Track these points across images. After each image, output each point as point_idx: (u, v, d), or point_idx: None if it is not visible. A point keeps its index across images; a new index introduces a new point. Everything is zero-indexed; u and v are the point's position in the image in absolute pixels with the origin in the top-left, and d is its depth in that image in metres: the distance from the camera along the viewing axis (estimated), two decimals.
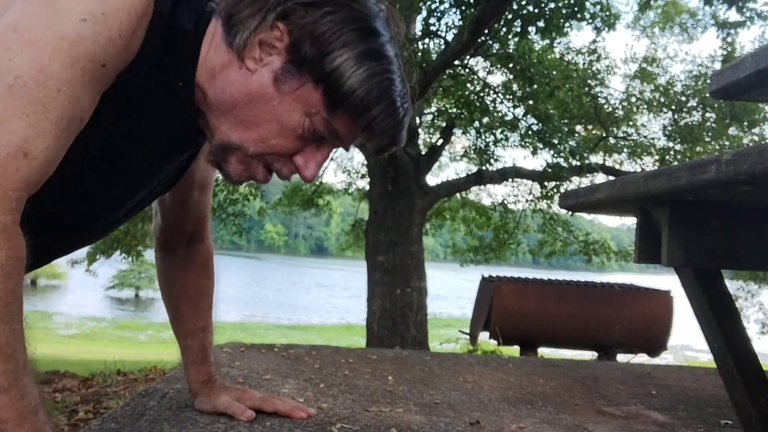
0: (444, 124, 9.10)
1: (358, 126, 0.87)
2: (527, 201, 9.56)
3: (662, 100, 9.10)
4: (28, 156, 0.65)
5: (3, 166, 0.63)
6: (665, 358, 6.94)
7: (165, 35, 0.82)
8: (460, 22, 6.84)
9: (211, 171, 1.20)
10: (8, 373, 0.60)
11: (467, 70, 7.87)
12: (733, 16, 14.20)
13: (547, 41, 7.69)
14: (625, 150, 9.38)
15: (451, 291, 33.36)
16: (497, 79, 10.07)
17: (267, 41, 0.84)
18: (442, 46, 7.27)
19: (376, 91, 0.84)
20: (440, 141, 8.89)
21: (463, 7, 6.53)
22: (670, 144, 9.18)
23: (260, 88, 0.84)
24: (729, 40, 8.27)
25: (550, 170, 8.08)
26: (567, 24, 7.01)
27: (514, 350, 5.93)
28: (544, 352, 6.13)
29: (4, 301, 0.62)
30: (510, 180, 9.13)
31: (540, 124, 7.98)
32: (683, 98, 8.99)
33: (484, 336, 6.05)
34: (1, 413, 0.61)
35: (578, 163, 8.21)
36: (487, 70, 8.49)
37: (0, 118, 0.64)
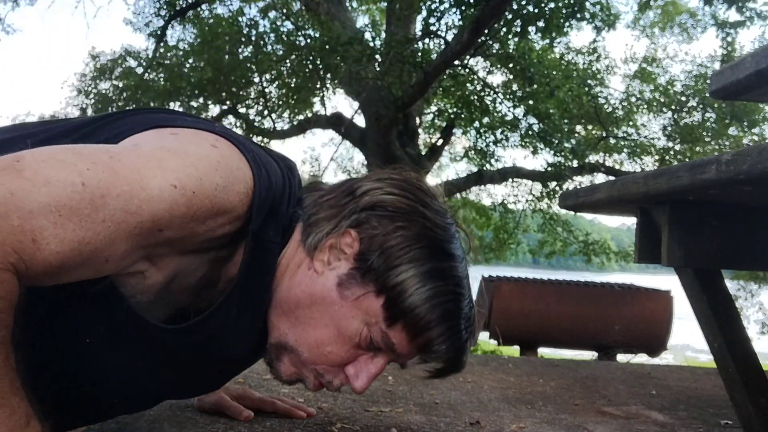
0: (444, 124, 9.09)
1: (415, 344, 0.87)
2: (527, 201, 9.56)
3: (662, 100, 9.10)
4: (35, 243, 0.62)
5: (9, 231, 0.60)
6: (665, 358, 6.93)
7: (252, 251, 0.83)
8: (460, 22, 6.83)
9: None
10: None
11: (467, 70, 7.86)
12: (733, 15, 14.19)
13: (547, 41, 7.69)
14: (625, 150, 9.38)
15: None
16: (497, 79, 10.06)
17: (337, 246, 0.86)
18: (442, 46, 7.26)
19: (439, 311, 0.85)
20: (440, 141, 8.88)
21: (463, 7, 6.52)
22: (670, 144, 9.17)
23: (324, 290, 0.86)
24: (729, 40, 8.27)
25: (551, 169, 8.07)
26: (567, 24, 7.00)
27: (514, 350, 5.93)
28: (544, 352, 6.13)
29: None
30: (510, 180, 9.13)
31: (540, 124, 7.98)
32: (683, 98, 8.99)
33: (484, 336, 6.04)
34: None
35: (579, 163, 8.21)
36: (487, 70, 8.48)
37: (40, 202, 0.62)
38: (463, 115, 8.27)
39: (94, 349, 0.82)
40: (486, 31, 6.30)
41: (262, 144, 0.94)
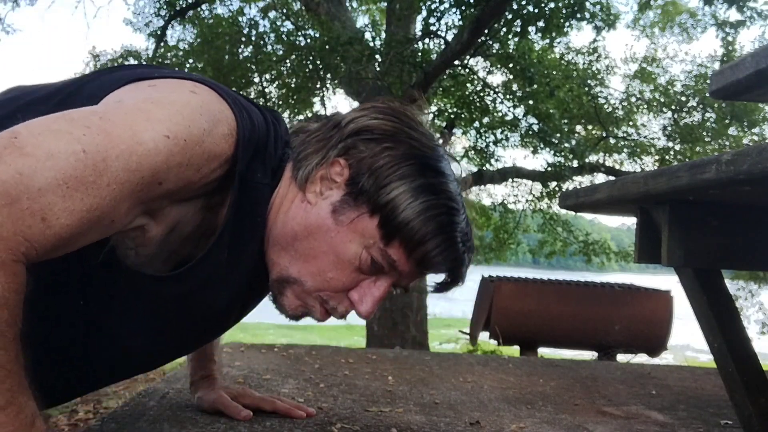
0: (444, 124, 9.09)
1: (413, 260, 0.87)
2: (527, 201, 9.56)
3: (662, 100, 9.09)
4: (45, 221, 0.63)
5: (18, 217, 0.61)
6: (665, 358, 6.93)
7: (240, 192, 0.83)
8: (460, 22, 6.83)
9: None
10: (4, 392, 0.62)
11: (467, 70, 7.85)
12: (733, 15, 14.19)
13: (547, 41, 7.69)
14: (625, 150, 9.37)
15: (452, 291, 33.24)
16: (497, 79, 10.06)
17: (328, 176, 0.87)
18: (442, 46, 7.26)
19: (433, 224, 0.85)
20: (440, 141, 8.87)
21: (463, 7, 6.52)
22: (670, 144, 9.17)
23: (319, 219, 0.87)
24: (729, 39, 8.27)
25: (551, 169, 8.07)
26: (567, 24, 7.00)
27: (514, 350, 5.93)
28: (544, 352, 6.13)
29: None
30: (510, 180, 9.13)
31: (540, 124, 7.98)
32: (683, 98, 8.98)
33: (484, 336, 6.04)
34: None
35: (579, 163, 8.21)
36: (487, 70, 8.48)
37: (47, 178, 0.62)
38: (463, 115, 8.27)
39: (92, 311, 0.83)
40: (486, 31, 6.30)
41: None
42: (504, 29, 6.81)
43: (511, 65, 7.45)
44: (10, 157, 0.62)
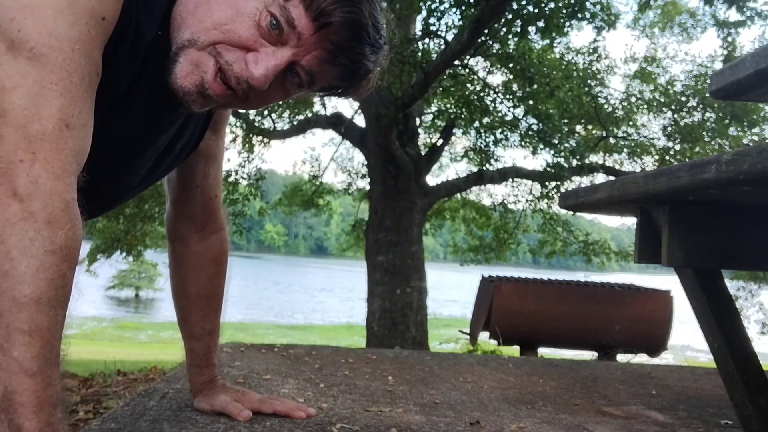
0: (444, 124, 9.09)
1: (311, 14, 0.83)
2: (527, 201, 9.56)
3: (662, 100, 9.09)
4: (69, 127, 0.65)
5: (53, 141, 0.63)
6: (665, 358, 6.93)
7: None
8: (460, 22, 6.83)
9: (216, 141, 1.18)
10: (40, 358, 0.59)
11: (467, 70, 7.86)
12: (733, 15, 14.18)
13: (547, 41, 7.69)
14: (625, 150, 9.37)
15: (451, 291, 33.35)
16: (497, 79, 10.07)
17: None
18: (442, 46, 7.26)
19: None
20: (440, 141, 8.88)
21: (463, 7, 6.53)
22: (670, 144, 9.17)
23: None
24: (729, 39, 8.27)
25: (551, 170, 8.08)
26: (567, 24, 7.00)
27: (514, 350, 5.93)
28: (544, 352, 6.13)
29: (55, 285, 0.61)
30: (510, 180, 9.13)
31: (540, 124, 7.98)
32: (683, 98, 8.98)
33: (484, 336, 6.04)
34: (22, 396, 0.59)
35: (578, 163, 8.21)
36: (487, 70, 8.48)
37: (32, 93, 0.64)
38: (463, 115, 8.27)
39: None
40: (486, 31, 6.30)
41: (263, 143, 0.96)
42: (504, 29, 6.82)
43: (511, 65, 7.46)
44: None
